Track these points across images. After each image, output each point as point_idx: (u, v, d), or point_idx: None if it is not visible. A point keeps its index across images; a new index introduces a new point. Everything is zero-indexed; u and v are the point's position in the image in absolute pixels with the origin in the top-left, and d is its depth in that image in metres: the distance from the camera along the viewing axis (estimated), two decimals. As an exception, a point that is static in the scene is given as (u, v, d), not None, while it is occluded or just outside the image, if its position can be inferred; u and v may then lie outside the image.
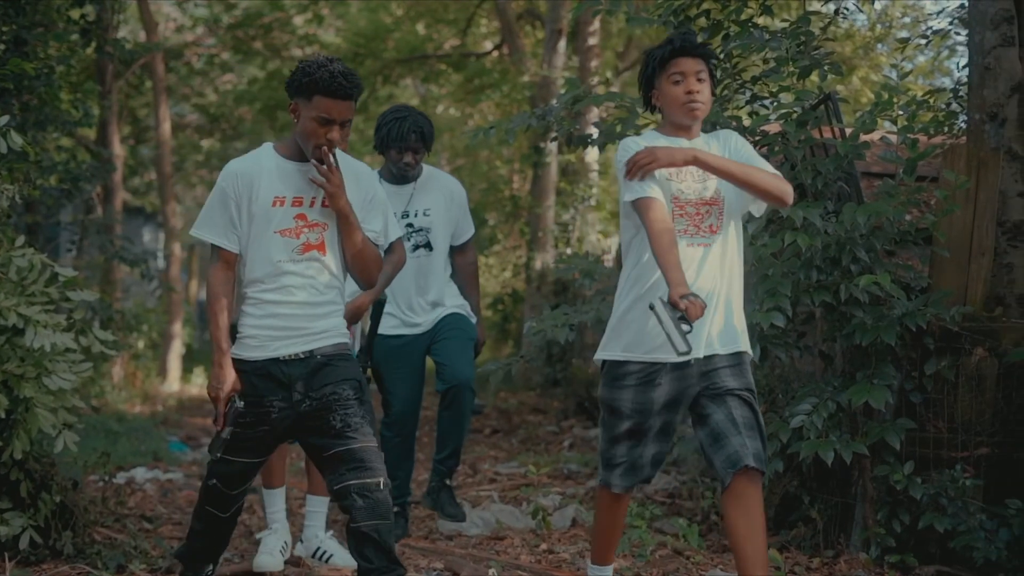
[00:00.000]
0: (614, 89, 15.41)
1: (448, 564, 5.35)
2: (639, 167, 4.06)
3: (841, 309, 5.33)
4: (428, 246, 5.93)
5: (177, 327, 17.17)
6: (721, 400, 4.15)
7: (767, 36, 5.84)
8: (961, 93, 6.31)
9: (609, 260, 12.13)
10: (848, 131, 5.71)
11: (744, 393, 4.17)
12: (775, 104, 5.89)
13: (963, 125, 6.19)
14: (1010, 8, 5.62)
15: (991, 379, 5.26)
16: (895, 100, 5.54)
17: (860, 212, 5.12)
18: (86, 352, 4.76)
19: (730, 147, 4.24)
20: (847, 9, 6.42)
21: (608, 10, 6.03)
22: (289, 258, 4.16)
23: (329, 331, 4.23)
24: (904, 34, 14.29)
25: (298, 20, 20.74)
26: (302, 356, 4.17)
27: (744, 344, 4.24)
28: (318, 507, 5.46)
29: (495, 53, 20.59)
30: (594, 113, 12.58)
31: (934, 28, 7.66)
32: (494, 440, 10.89)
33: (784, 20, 6.23)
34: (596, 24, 15.69)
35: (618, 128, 6.11)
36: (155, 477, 8.12)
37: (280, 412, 4.17)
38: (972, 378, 5.26)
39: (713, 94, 4.24)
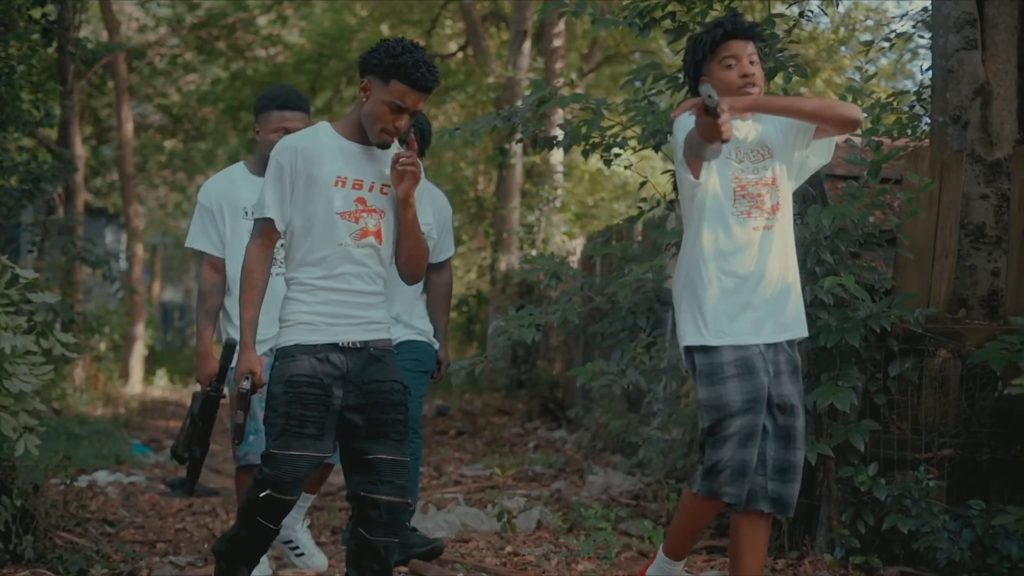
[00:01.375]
0: (579, 90, 15.40)
1: (413, 567, 5.33)
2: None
3: (806, 311, 5.33)
4: None
5: (140, 329, 17.04)
6: (771, 418, 4.13)
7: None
8: (924, 96, 6.33)
9: (575, 261, 12.13)
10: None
11: (786, 414, 4.14)
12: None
13: (926, 128, 6.21)
14: (973, 11, 5.65)
15: (954, 380, 5.28)
16: (860, 103, 5.55)
17: (825, 214, 5.14)
18: (47, 354, 4.70)
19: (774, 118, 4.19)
20: (811, 12, 6.44)
21: (574, 12, 6.02)
22: (349, 242, 3.97)
23: (381, 323, 4.07)
24: (867, 37, 14.36)
25: (262, 20, 20.68)
26: (358, 345, 3.99)
27: (804, 329, 4.27)
28: (301, 501, 5.26)
29: (460, 54, 20.58)
30: (559, 115, 12.58)
31: (897, 31, 7.68)
32: (459, 442, 10.87)
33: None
34: (561, 26, 15.71)
35: (583, 130, 6.12)
36: (117, 480, 8.05)
37: (337, 401, 3.95)
38: (936, 380, 5.28)
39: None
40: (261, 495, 3.91)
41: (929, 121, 6.08)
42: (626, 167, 6.37)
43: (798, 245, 5.23)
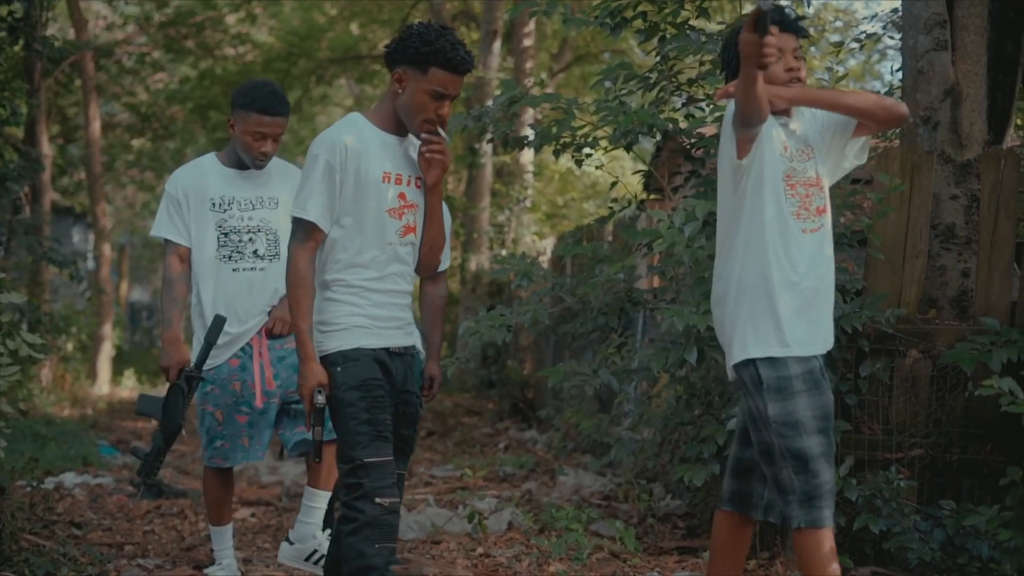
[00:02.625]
0: (549, 90, 15.40)
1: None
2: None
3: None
4: None
5: (107, 329, 16.93)
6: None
7: (703, 38, 5.85)
8: (895, 96, 6.35)
9: (545, 261, 12.12)
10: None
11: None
12: (711, 107, 5.89)
13: (897, 128, 6.22)
14: (943, 13, 5.66)
15: (925, 381, 5.29)
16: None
17: (796, 215, 5.13)
18: (13, 355, 4.64)
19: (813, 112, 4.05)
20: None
21: (545, 11, 6.01)
22: (396, 241, 3.80)
23: (414, 325, 3.94)
24: (836, 38, 14.42)
25: (231, 19, 20.59)
26: (401, 351, 3.83)
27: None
28: (318, 502, 5.03)
29: (430, 54, 20.50)
30: (529, 114, 12.57)
31: (867, 32, 7.71)
32: (429, 442, 10.84)
33: (720, 23, 6.24)
34: (531, 25, 15.71)
35: (554, 129, 6.10)
36: (85, 482, 7.99)
37: (390, 400, 3.77)
38: (906, 380, 5.29)
39: None
40: (370, 514, 3.63)
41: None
42: (597, 167, 6.35)
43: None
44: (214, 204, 4.94)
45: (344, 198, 3.72)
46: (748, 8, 8.84)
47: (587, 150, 6.21)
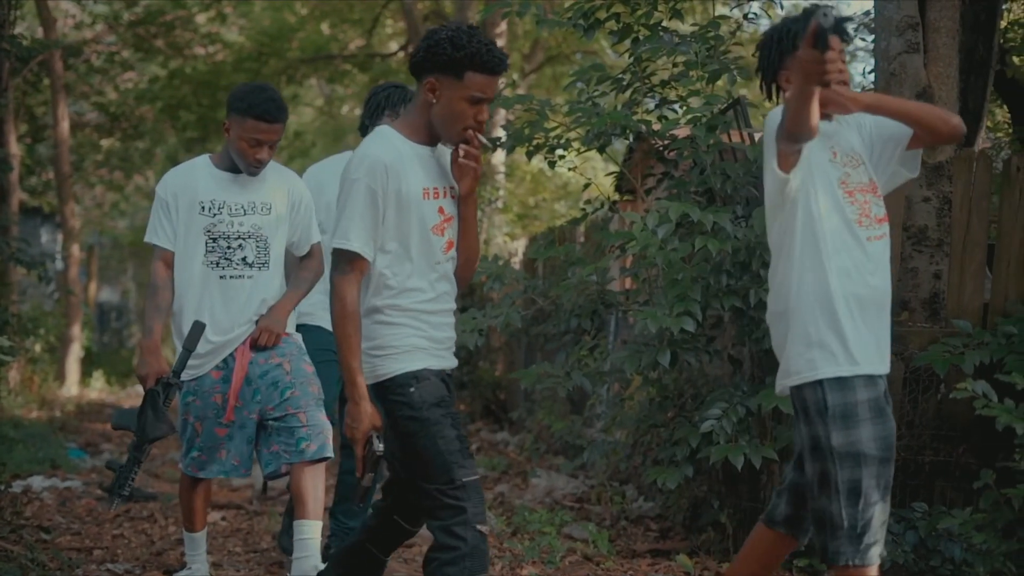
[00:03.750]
0: (521, 91, 15.39)
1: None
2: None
3: (751, 314, 5.33)
4: None
5: (76, 330, 16.79)
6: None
7: (676, 40, 5.85)
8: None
9: (517, 262, 12.10)
10: (757, 136, 5.72)
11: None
12: (684, 108, 5.89)
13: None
14: (915, 15, 5.68)
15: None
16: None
17: (770, 217, 5.13)
18: (-20, 358, 4.60)
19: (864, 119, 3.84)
20: (755, 14, 6.44)
21: (518, 12, 5.99)
22: (442, 259, 3.63)
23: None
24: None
25: (201, 18, 20.49)
26: (450, 372, 3.67)
27: None
28: (310, 533, 4.66)
29: (401, 54, 20.50)
30: (501, 115, 12.55)
31: (839, 34, 7.71)
32: (401, 444, 10.78)
33: (693, 24, 6.24)
34: (503, 26, 15.70)
35: (526, 131, 6.08)
36: (53, 486, 7.91)
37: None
38: (879, 382, 5.28)
39: None
40: (471, 542, 3.45)
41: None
42: (570, 169, 6.34)
43: (743, 247, 5.25)
44: (204, 208, 4.76)
45: (387, 222, 3.53)
46: (720, 9, 8.84)
47: (560, 151, 6.20)
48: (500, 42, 15.77)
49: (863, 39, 7.94)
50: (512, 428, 11.06)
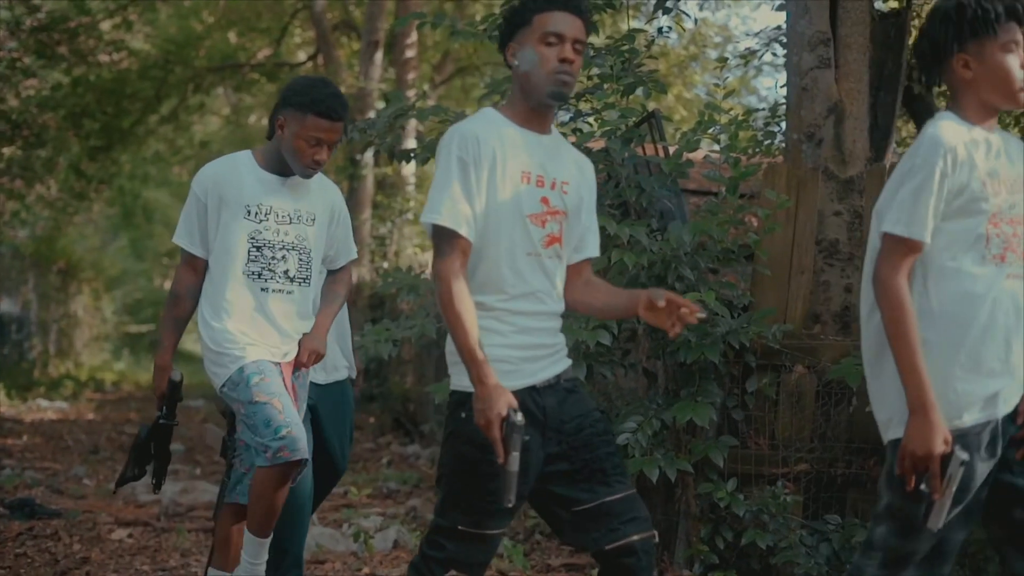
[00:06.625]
0: (431, 102, 15.35)
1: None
2: None
3: (666, 327, 5.33)
4: None
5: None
6: None
7: (591, 53, 5.84)
8: (779, 113, 6.42)
9: (427, 274, 12.06)
10: (672, 149, 5.74)
11: None
12: (599, 121, 5.88)
13: (781, 145, 6.29)
14: (827, 31, 5.73)
15: (810, 396, 5.33)
16: (717, 119, 5.58)
17: (686, 230, 5.15)
18: None
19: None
20: (668, 27, 6.47)
21: (432, 23, 5.94)
22: (540, 251, 3.31)
23: (564, 348, 3.44)
24: (716, 54, 14.59)
25: (105, 25, 20.16)
26: (552, 382, 3.33)
27: None
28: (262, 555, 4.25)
29: (310, 64, 20.38)
30: (412, 125, 12.51)
31: (751, 48, 7.80)
32: (310, 458, 10.68)
33: (608, 38, 6.24)
34: (413, 36, 15.67)
35: (441, 143, 6.03)
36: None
37: (535, 456, 3.24)
38: (792, 395, 5.33)
39: None
40: None
41: (783, 138, 6.16)
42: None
43: (658, 261, 5.25)
44: (249, 212, 4.23)
45: (481, 202, 3.24)
46: (635, 24, 8.84)
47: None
48: (410, 53, 15.74)
49: (774, 54, 8.01)
50: (423, 441, 11.00)
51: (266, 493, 4.08)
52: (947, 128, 3.09)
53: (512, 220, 3.27)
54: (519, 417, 3.06)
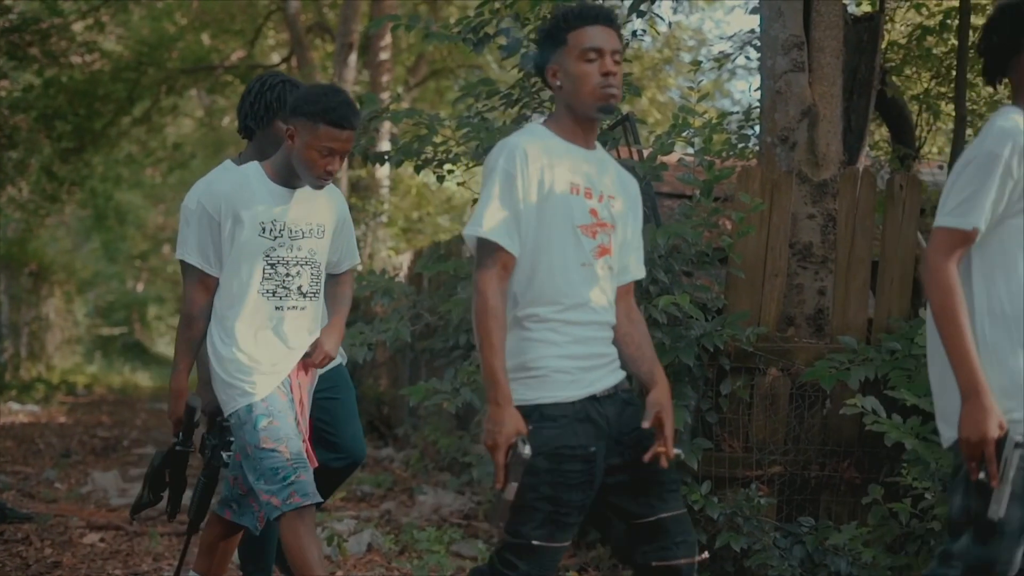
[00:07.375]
0: (405, 104, 15.35)
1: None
2: None
3: (640, 330, 5.33)
4: None
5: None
6: None
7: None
8: (753, 116, 6.43)
9: (402, 277, 12.04)
10: (646, 152, 5.74)
11: None
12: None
13: (755, 148, 6.30)
14: (800, 34, 5.74)
15: (784, 398, 5.35)
16: (692, 123, 5.59)
17: (660, 233, 5.15)
18: None
19: None
20: (643, 31, 6.48)
21: (407, 26, 5.94)
22: (593, 262, 3.33)
23: (618, 359, 3.44)
24: (689, 57, 14.63)
25: (78, 26, 20.06)
26: (611, 392, 3.34)
27: None
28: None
29: (283, 66, 20.32)
30: (386, 128, 12.48)
31: (725, 51, 7.81)
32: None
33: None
34: (387, 39, 15.65)
35: (415, 145, 6.03)
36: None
37: (597, 467, 3.27)
38: (766, 398, 5.34)
39: None
40: None
41: (757, 141, 6.17)
42: (460, 183, 6.31)
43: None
44: (264, 229, 4.08)
45: (528, 214, 3.27)
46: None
47: (448, 166, 6.16)
48: (385, 56, 15.70)
49: (748, 58, 8.03)
50: (397, 444, 10.98)
51: (296, 541, 3.95)
52: (1016, 121, 3.06)
53: (563, 231, 3.30)
54: (527, 450, 3.10)
